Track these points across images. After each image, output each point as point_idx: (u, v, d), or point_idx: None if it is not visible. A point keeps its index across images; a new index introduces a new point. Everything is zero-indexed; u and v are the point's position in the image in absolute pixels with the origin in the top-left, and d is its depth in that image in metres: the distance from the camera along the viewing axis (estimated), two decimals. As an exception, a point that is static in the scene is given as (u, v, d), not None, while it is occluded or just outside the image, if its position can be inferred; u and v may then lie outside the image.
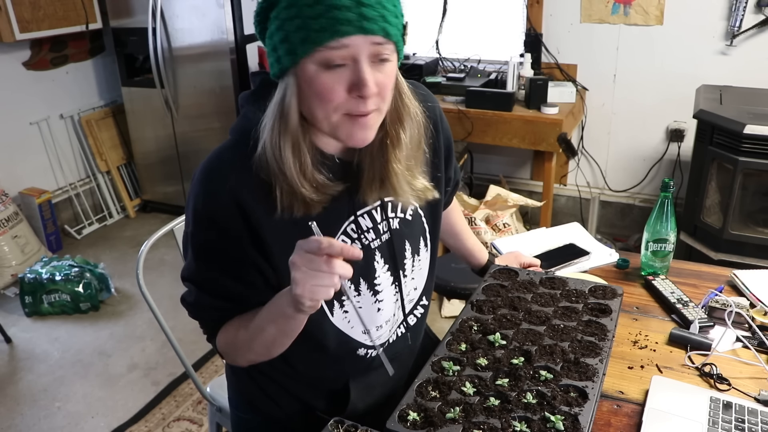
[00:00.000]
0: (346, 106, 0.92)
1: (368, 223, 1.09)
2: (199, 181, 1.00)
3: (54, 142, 3.79)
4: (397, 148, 1.03)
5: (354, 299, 1.10)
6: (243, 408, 1.28)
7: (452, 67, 3.67)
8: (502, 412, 1.01)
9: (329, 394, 1.20)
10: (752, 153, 2.44)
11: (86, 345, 2.84)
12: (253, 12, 0.95)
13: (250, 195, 0.97)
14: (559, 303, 1.30)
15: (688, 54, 3.17)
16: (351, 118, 0.93)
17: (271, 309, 0.99)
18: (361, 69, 0.89)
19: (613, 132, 3.49)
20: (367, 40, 0.88)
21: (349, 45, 0.87)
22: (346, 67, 0.90)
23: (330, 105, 0.91)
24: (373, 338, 1.16)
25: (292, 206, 0.97)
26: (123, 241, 3.84)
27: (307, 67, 0.90)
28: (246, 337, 1.03)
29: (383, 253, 1.12)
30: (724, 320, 1.28)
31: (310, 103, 0.93)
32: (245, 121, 1.01)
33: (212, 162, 1.00)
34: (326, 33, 0.86)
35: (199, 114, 3.72)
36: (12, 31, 3.27)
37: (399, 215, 1.14)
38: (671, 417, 1.07)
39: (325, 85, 0.90)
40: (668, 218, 1.47)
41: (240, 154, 0.98)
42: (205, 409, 2.40)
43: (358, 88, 0.90)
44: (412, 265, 1.18)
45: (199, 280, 1.05)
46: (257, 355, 1.06)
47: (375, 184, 1.05)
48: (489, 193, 3.11)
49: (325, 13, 0.85)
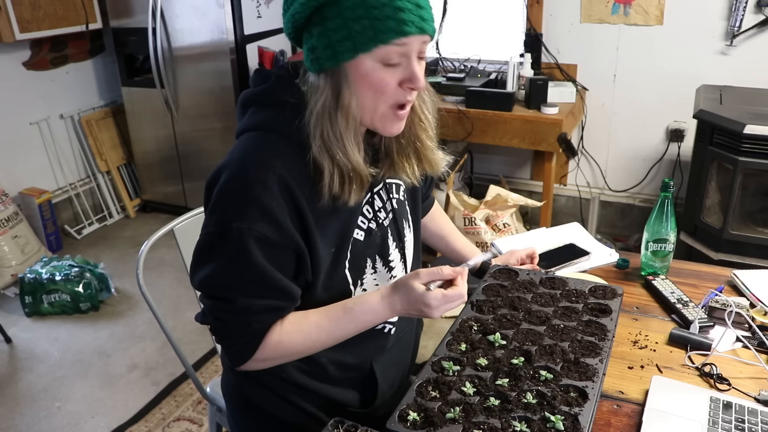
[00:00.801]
0: (395, 97, 1.01)
1: (378, 203, 1.16)
2: (239, 175, 0.99)
3: (54, 142, 3.79)
4: (428, 127, 1.14)
5: (372, 276, 1.17)
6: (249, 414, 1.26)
7: (452, 67, 3.67)
8: (502, 412, 1.01)
9: (357, 384, 1.21)
10: (752, 153, 2.44)
11: (86, 345, 2.84)
12: (298, 3, 0.97)
13: (297, 177, 1.01)
14: (559, 303, 1.30)
15: (688, 54, 3.17)
16: (395, 111, 1.02)
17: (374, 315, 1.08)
18: (414, 65, 0.99)
19: (613, 132, 3.49)
20: (420, 39, 0.98)
21: (408, 44, 0.97)
22: (400, 63, 0.99)
23: (383, 97, 1.00)
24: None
25: (344, 193, 1.02)
26: (123, 241, 3.84)
27: (364, 63, 0.97)
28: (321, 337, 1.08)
29: (392, 229, 1.19)
30: (724, 320, 1.28)
31: (360, 95, 1.00)
32: (263, 117, 1.05)
33: (248, 156, 1.01)
34: (392, 33, 0.94)
35: (199, 114, 3.72)
36: (12, 31, 3.27)
37: (395, 196, 1.20)
38: (671, 417, 1.07)
39: (382, 79, 0.98)
40: (668, 218, 1.47)
41: (274, 142, 1.01)
42: (205, 409, 2.40)
43: (411, 81, 0.99)
44: (410, 243, 1.26)
45: (251, 281, 1.00)
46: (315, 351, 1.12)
47: (411, 162, 1.14)
48: (489, 193, 3.11)
49: (392, 15, 0.93)
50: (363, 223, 1.13)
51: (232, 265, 0.99)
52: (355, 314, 1.08)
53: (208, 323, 1.05)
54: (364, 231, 1.13)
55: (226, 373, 1.30)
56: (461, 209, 3.06)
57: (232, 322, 1.03)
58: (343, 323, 1.08)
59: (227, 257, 0.99)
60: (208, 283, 1.02)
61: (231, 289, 1.01)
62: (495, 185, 3.20)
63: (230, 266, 0.99)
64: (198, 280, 1.03)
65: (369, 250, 1.15)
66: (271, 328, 1.05)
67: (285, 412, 1.20)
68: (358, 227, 1.12)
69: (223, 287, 1.01)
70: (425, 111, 1.13)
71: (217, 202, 1.00)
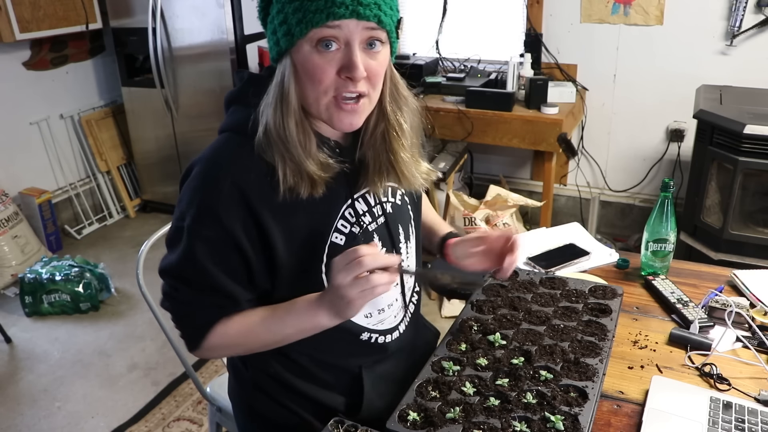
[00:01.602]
0: (335, 87, 0.96)
1: (363, 206, 1.12)
2: (199, 174, 1.01)
3: (54, 142, 3.79)
4: (402, 137, 1.08)
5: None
6: (250, 418, 1.26)
7: (452, 67, 3.67)
8: (502, 412, 1.01)
9: (344, 388, 1.18)
10: (752, 153, 2.44)
11: (86, 345, 2.84)
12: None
13: (251, 178, 0.99)
14: (559, 303, 1.31)
15: (688, 54, 3.17)
16: (339, 102, 0.97)
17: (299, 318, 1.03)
18: (353, 52, 0.94)
19: (613, 132, 3.49)
20: (360, 25, 0.93)
21: (342, 26, 0.92)
22: (339, 50, 0.95)
23: (320, 86, 0.96)
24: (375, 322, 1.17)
25: (298, 186, 1.00)
26: (123, 241, 3.84)
27: (302, 48, 0.94)
28: (261, 338, 1.07)
29: (381, 235, 1.15)
30: (724, 320, 1.28)
31: (303, 85, 0.97)
32: (236, 117, 1.05)
33: (211, 156, 1.02)
34: (322, 14, 0.91)
35: (199, 114, 3.72)
36: (12, 31, 3.27)
37: (390, 199, 1.17)
38: (671, 417, 1.07)
39: (318, 66, 0.94)
40: (668, 218, 1.46)
41: (238, 143, 1.01)
42: (205, 409, 2.40)
43: (348, 69, 0.94)
44: (406, 250, 1.21)
45: (195, 277, 1.03)
46: (261, 349, 1.10)
47: (383, 174, 1.09)
48: (489, 193, 3.11)
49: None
50: (344, 227, 1.08)
51: (183, 260, 1.02)
52: (297, 309, 1.04)
53: (164, 307, 1.09)
54: (346, 235, 1.09)
55: (229, 380, 1.31)
56: (461, 209, 3.06)
57: (180, 310, 1.07)
58: (282, 325, 1.05)
59: (180, 252, 1.02)
60: (166, 273, 1.06)
61: (179, 281, 1.04)
62: (495, 185, 3.20)
63: (181, 261, 1.02)
64: (160, 269, 1.06)
65: None
66: (216, 326, 1.06)
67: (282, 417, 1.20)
68: (337, 231, 1.08)
69: (174, 277, 1.05)
70: (401, 120, 1.08)
71: (180, 197, 1.03)
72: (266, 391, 1.19)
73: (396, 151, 1.08)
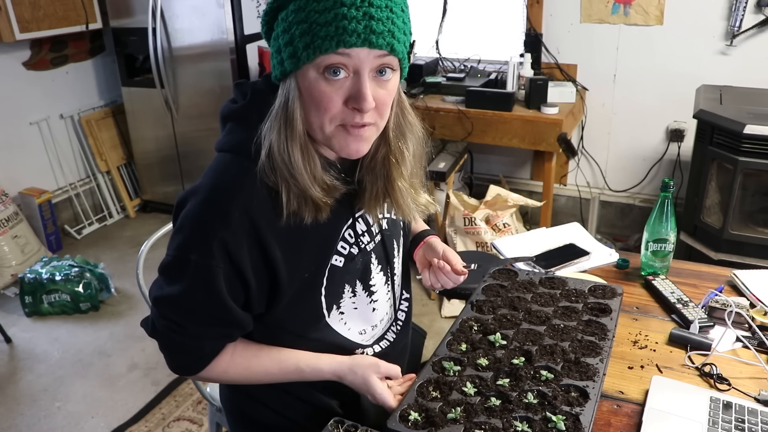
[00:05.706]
0: (341, 116, 0.92)
1: (362, 226, 1.10)
2: (206, 203, 0.96)
3: (54, 142, 3.79)
4: (402, 165, 1.05)
5: (350, 300, 1.12)
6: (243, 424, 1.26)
7: (452, 67, 3.67)
8: (503, 412, 1.01)
9: (338, 392, 1.18)
10: (752, 153, 2.44)
11: (86, 345, 2.84)
12: (262, 12, 0.95)
13: (258, 204, 0.95)
14: (559, 303, 1.31)
15: (688, 54, 3.17)
16: (345, 129, 0.93)
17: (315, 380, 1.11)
18: (362, 82, 0.89)
19: (613, 132, 3.49)
20: (372, 53, 0.88)
21: (353, 56, 0.88)
22: (347, 78, 0.90)
23: (326, 115, 0.91)
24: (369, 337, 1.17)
25: (302, 210, 0.96)
26: (123, 241, 3.84)
27: (308, 73, 0.90)
28: (265, 379, 1.11)
29: (377, 254, 1.14)
30: (724, 320, 1.28)
31: (307, 110, 0.93)
32: (237, 137, 0.99)
33: (217, 183, 0.97)
34: (332, 41, 0.86)
35: (199, 114, 3.72)
36: (12, 31, 3.27)
37: (386, 215, 1.15)
38: (671, 417, 1.07)
39: (324, 94, 0.90)
40: (668, 218, 1.47)
41: (244, 167, 0.96)
42: (205, 409, 2.40)
43: (356, 100, 0.90)
44: (398, 263, 1.21)
45: (201, 309, 0.99)
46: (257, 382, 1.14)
47: (379, 201, 1.06)
48: (489, 193, 3.11)
49: (333, 21, 0.85)
50: (344, 249, 1.07)
51: (189, 294, 0.97)
52: (305, 375, 1.10)
53: (156, 339, 1.04)
54: (344, 257, 1.07)
55: (221, 386, 1.30)
56: (461, 209, 3.06)
57: (184, 344, 1.03)
58: (290, 377, 1.11)
59: (185, 286, 0.97)
60: (165, 305, 1.01)
61: (186, 316, 1.00)
62: (495, 185, 3.20)
63: (187, 295, 0.97)
64: (156, 298, 1.01)
65: (348, 276, 1.09)
66: (221, 354, 1.06)
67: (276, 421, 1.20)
68: (337, 253, 1.06)
69: (178, 313, 1.00)
70: (402, 147, 1.04)
71: (181, 227, 0.97)
72: (258, 397, 1.19)
73: (393, 179, 1.04)
